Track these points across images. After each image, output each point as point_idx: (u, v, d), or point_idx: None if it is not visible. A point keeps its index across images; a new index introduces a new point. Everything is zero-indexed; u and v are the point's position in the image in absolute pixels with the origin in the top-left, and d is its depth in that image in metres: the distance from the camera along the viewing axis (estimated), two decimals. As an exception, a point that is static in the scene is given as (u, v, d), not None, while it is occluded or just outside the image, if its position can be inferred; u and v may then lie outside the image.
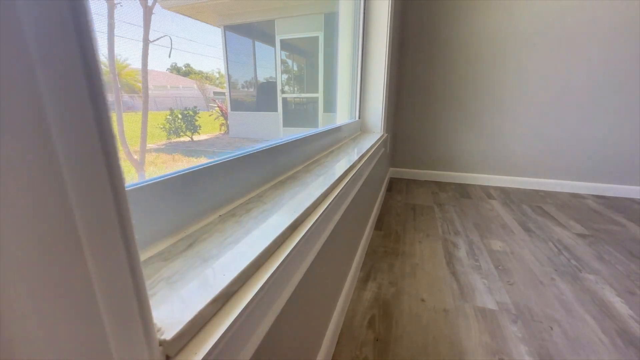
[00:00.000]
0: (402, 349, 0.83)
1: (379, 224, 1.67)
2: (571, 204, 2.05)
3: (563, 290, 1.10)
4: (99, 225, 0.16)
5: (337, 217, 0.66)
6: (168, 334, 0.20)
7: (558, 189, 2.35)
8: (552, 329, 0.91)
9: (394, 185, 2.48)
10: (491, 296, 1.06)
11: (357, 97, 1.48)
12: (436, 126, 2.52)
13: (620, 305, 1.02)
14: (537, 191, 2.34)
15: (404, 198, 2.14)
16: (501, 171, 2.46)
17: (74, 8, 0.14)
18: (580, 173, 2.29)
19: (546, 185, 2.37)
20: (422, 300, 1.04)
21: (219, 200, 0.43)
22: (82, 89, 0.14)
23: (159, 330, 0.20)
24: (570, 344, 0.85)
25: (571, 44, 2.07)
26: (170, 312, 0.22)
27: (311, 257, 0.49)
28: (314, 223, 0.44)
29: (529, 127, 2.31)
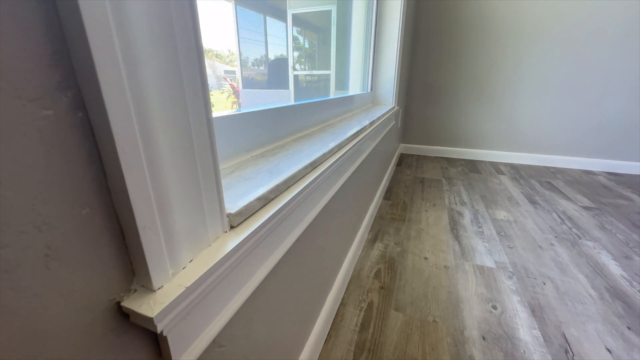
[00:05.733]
0: (404, 295, 0.93)
1: (388, 194, 1.74)
2: (581, 179, 2.06)
3: (560, 253, 1.17)
4: (202, 141, 0.24)
5: (347, 173, 0.73)
6: (231, 210, 0.29)
7: (570, 166, 2.35)
8: (544, 284, 0.99)
9: (404, 160, 2.52)
10: (491, 257, 1.14)
11: (369, 68, 1.51)
12: (447, 102, 2.51)
13: (614, 268, 1.08)
14: (548, 168, 2.35)
15: (413, 172, 2.19)
16: (512, 147, 2.46)
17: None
18: (593, 149, 2.27)
19: (558, 162, 2.37)
20: (425, 258, 1.13)
21: (248, 145, 0.51)
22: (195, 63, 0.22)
23: (227, 210, 0.29)
24: (559, 297, 0.93)
25: (587, 19, 2.00)
26: (232, 202, 0.31)
27: (327, 198, 0.58)
28: (327, 169, 0.52)
29: (541, 104, 2.28)
